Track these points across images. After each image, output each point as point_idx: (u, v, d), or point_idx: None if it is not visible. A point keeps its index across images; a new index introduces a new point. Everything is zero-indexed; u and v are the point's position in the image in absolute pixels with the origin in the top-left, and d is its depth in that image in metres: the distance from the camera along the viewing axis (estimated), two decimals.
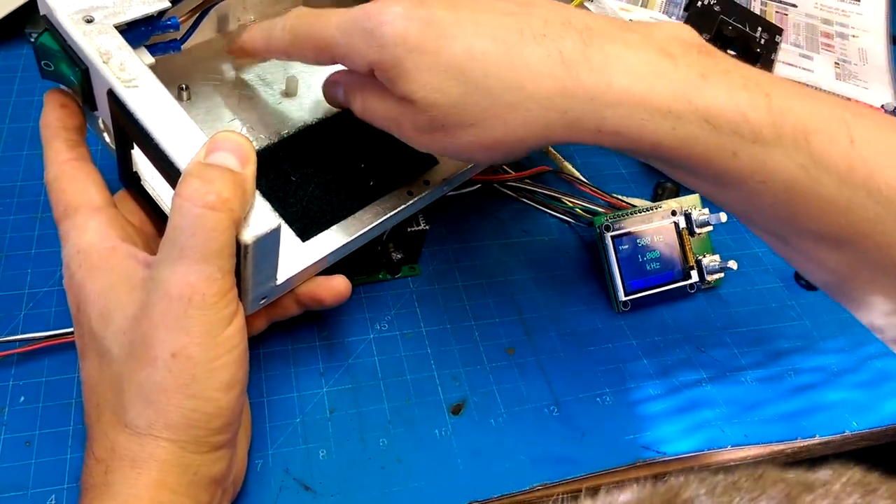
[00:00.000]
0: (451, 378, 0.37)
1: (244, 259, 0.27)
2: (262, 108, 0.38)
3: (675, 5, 0.70)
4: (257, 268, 0.28)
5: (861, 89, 0.65)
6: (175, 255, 0.26)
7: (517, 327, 0.40)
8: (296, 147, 0.36)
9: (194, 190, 0.25)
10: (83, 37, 0.28)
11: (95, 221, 0.29)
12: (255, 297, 0.30)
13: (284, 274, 0.31)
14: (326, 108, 0.39)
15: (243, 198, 0.26)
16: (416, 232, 0.39)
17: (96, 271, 0.28)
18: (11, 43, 0.50)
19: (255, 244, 0.26)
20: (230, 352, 0.27)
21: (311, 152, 0.36)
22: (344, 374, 0.36)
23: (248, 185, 0.26)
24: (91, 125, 0.33)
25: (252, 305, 0.30)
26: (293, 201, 0.34)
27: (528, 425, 0.36)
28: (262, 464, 0.33)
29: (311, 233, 0.33)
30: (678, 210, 0.43)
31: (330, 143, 0.37)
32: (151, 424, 0.26)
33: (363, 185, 0.36)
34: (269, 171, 0.30)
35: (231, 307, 0.27)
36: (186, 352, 0.26)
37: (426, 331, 0.39)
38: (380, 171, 0.36)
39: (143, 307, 0.26)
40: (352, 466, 0.33)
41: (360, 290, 0.40)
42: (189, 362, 0.26)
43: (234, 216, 0.26)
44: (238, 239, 0.26)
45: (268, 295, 0.31)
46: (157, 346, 0.26)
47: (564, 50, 0.28)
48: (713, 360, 0.41)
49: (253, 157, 0.27)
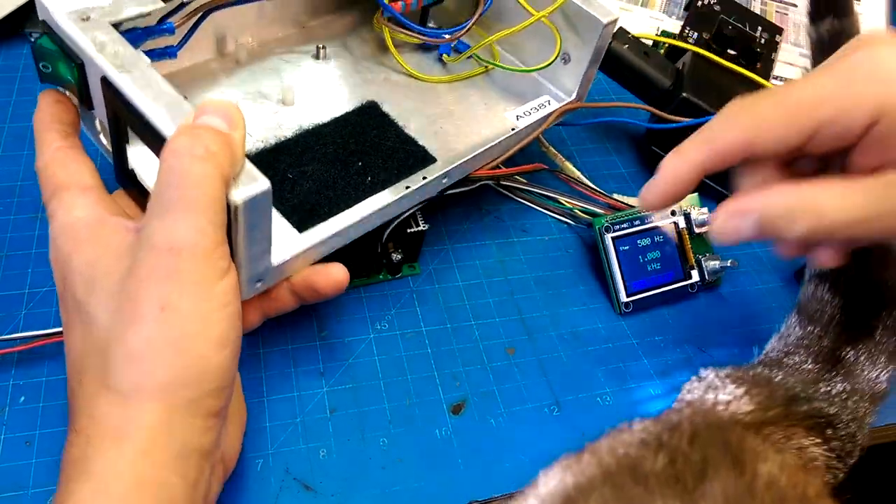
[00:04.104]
0: (451, 378, 0.37)
1: (235, 223, 0.26)
2: (261, 116, 0.38)
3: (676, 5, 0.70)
4: (250, 235, 0.27)
5: None
6: (163, 209, 0.25)
7: (517, 327, 0.40)
8: (293, 148, 0.37)
9: (182, 144, 0.25)
10: (79, 31, 0.28)
11: (84, 199, 0.29)
12: (250, 276, 0.29)
13: (280, 256, 0.30)
14: (323, 115, 0.39)
15: (232, 156, 0.25)
16: (416, 232, 0.39)
17: (83, 243, 0.27)
18: (11, 43, 0.50)
19: (245, 205, 0.26)
20: (222, 308, 0.25)
21: (309, 153, 0.36)
22: (344, 373, 0.36)
23: (236, 147, 0.26)
24: (87, 129, 0.33)
25: (247, 287, 0.29)
26: (290, 196, 0.34)
27: (528, 425, 0.36)
28: (262, 463, 0.33)
29: (308, 225, 0.33)
30: (677, 210, 0.43)
31: (327, 144, 0.37)
32: (138, 386, 0.24)
33: (360, 182, 0.36)
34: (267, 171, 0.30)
35: (222, 263, 0.25)
36: (176, 304, 0.24)
37: (426, 331, 0.39)
38: (377, 168, 0.36)
39: (131, 267, 0.25)
40: (352, 466, 0.33)
41: (360, 290, 0.40)
42: (178, 316, 0.24)
43: (222, 171, 0.25)
44: (228, 200, 0.25)
45: (263, 277, 0.30)
46: (145, 302, 0.24)
47: None
48: (714, 360, 0.41)
49: (241, 121, 0.27)
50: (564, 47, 0.42)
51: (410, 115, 0.40)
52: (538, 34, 0.43)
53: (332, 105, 0.40)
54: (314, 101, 0.40)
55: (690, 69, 0.49)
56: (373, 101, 0.41)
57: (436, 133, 0.40)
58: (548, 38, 0.42)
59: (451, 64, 0.44)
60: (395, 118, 0.40)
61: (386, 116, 0.40)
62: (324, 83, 0.41)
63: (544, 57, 0.42)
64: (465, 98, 0.43)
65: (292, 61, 0.42)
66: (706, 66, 0.50)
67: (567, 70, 0.43)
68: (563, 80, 0.43)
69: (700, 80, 0.48)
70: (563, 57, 0.43)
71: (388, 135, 0.39)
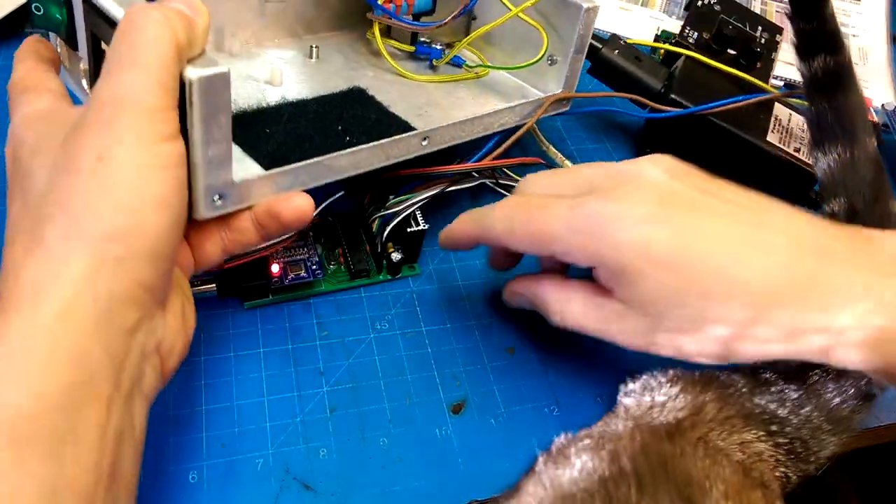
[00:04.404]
0: (451, 378, 0.37)
1: (190, 108, 0.26)
2: (246, 92, 0.39)
3: (676, 5, 0.70)
4: (206, 127, 0.26)
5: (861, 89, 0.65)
6: (112, 67, 0.24)
7: (517, 327, 0.40)
8: (274, 114, 0.37)
9: (138, 9, 0.25)
10: None
11: (50, 95, 0.29)
12: (208, 185, 0.28)
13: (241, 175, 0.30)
14: (308, 94, 0.39)
15: (190, 33, 0.25)
16: (416, 231, 0.39)
17: (37, 122, 0.27)
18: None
19: (200, 84, 0.25)
20: (164, 168, 0.24)
21: (290, 117, 0.37)
22: (344, 373, 0.37)
23: (196, 29, 0.26)
24: (73, 84, 0.34)
25: (206, 201, 0.28)
26: (263, 145, 0.34)
27: (528, 425, 0.36)
28: (262, 463, 0.33)
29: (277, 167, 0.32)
30: None
31: (309, 112, 0.37)
32: (65, 236, 0.23)
33: (339, 141, 0.36)
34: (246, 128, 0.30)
35: (168, 128, 0.25)
36: (114, 154, 0.23)
37: (426, 330, 0.39)
38: (357, 133, 0.36)
39: (76, 124, 0.24)
40: (352, 466, 0.33)
41: (360, 290, 0.40)
42: (115, 166, 0.23)
43: (177, 39, 0.24)
44: (183, 76, 0.25)
45: (223, 193, 0.29)
46: (83, 153, 0.23)
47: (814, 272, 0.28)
48: None
49: (205, 12, 0.27)
50: (550, 45, 0.42)
51: (397, 102, 0.41)
52: (527, 40, 0.43)
53: (319, 90, 0.40)
54: (301, 85, 0.40)
55: (682, 71, 0.50)
56: (359, 86, 0.41)
57: (420, 116, 0.40)
58: (536, 42, 0.42)
59: (442, 71, 0.45)
60: (381, 101, 0.40)
61: (371, 98, 0.40)
62: (313, 73, 0.42)
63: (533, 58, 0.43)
64: (453, 93, 0.43)
65: (285, 57, 0.43)
66: (698, 69, 0.51)
67: (554, 70, 0.43)
68: (551, 81, 0.44)
69: (690, 82, 0.49)
70: (549, 59, 0.43)
71: (371, 111, 0.39)
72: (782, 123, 0.50)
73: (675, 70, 0.51)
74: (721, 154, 0.48)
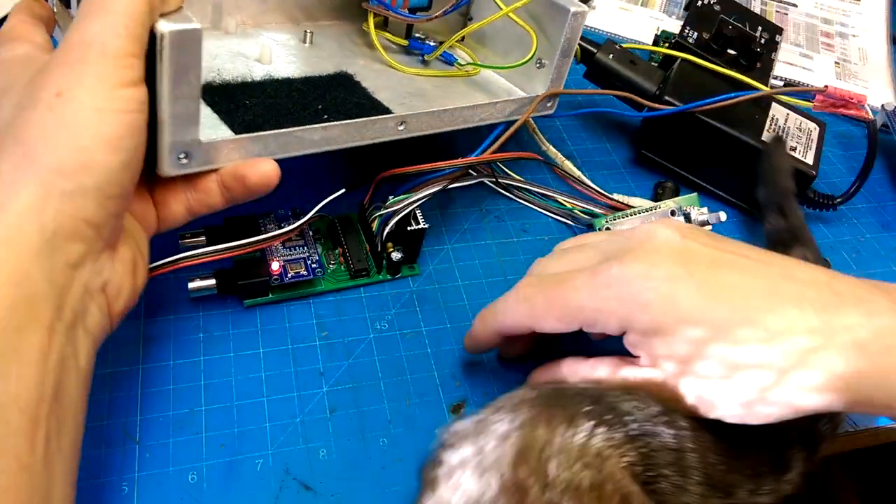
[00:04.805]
0: (451, 378, 0.37)
1: (160, 60, 0.26)
2: (234, 68, 0.39)
3: (676, 5, 0.70)
4: (175, 83, 0.27)
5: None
6: (83, 14, 0.25)
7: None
8: (256, 88, 0.37)
9: None
10: None
11: (32, 45, 0.29)
12: (174, 141, 0.28)
13: (210, 136, 0.30)
14: (296, 74, 0.40)
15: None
16: (416, 230, 0.39)
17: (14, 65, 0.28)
18: None
19: (171, 38, 0.26)
20: (121, 112, 0.25)
21: (272, 91, 0.37)
22: (344, 374, 0.36)
23: None
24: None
25: (170, 158, 0.29)
26: (241, 115, 0.34)
27: None
28: (262, 463, 0.33)
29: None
30: (677, 210, 0.43)
31: (292, 91, 0.38)
32: (18, 166, 0.24)
33: (316, 119, 0.36)
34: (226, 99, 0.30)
35: (131, 74, 0.25)
36: (72, 92, 0.24)
37: (426, 331, 0.39)
38: (336, 113, 0.37)
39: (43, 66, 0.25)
40: (352, 466, 0.33)
41: (360, 290, 0.40)
42: (73, 103, 0.24)
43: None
44: (154, 30, 0.26)
45: (189, 152, 0.29)
46: (44, 89, 0.24)
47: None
48: None
49: None
50: (539, 47, 0.42)
51: (382, 90, 0.41)
52: (519, 43, 0.44)
53: (307, 72, 0.41)
54: (290, 66, 0.41)
55: (677, 73, 0.50)
56: (347, 71, 0.41)
57: (403, 104, 0.40)
58: (528, 46, 0.43)
59: (433, 67, 0.46)
60: (367, 88, 0.41)
61: (357, 84, 0.41)
62: (304, 57, 0.42)
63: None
64: (440, 87, 0.44)
65: (279, 40, 0.43)
66: (694, 71, 0.51)
67: (542, 73, 0.44)
68: (538, 84, 0.44)
69: (684, 84, 0.49)
70: (538, 62, 0.43)
71: (355, 95, 0.39)
72: (778, 123, 0.50)
73: (670, 73, 0.51)
74: (717, 154, 0.48)
